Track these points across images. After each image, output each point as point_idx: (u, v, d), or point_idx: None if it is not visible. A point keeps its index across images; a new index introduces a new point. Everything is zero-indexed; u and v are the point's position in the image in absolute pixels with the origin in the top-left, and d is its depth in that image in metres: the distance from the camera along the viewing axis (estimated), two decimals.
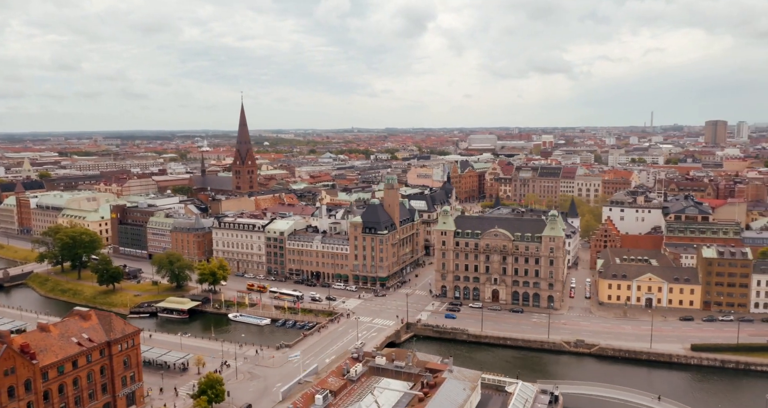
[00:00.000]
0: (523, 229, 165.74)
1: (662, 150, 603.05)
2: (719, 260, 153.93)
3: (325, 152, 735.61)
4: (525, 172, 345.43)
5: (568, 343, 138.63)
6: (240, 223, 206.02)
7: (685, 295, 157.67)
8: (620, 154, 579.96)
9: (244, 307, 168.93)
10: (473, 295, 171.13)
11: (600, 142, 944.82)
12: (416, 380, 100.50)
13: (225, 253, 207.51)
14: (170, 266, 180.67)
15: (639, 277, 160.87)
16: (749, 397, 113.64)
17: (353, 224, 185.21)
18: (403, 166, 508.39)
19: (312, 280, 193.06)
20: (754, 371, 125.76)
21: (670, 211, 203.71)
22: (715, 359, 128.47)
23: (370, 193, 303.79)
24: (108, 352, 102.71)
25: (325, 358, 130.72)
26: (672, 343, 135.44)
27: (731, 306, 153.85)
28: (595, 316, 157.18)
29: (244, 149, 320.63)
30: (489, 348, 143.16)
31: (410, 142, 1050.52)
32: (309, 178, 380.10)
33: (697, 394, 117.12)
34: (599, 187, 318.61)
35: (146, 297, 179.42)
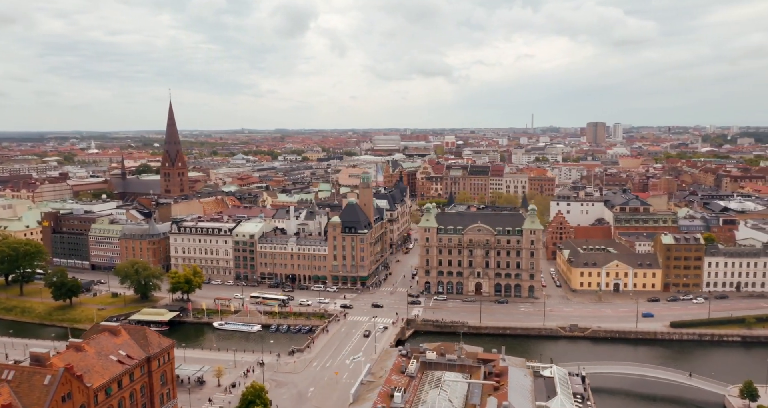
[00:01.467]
0: (504, 224, 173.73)
1: (558, 149, 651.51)
2: (676, 246, 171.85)
3: (229, 154, 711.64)
4: (455, 170, 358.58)
5: (563, 328, 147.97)
6: (203, 228, 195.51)
7: (648, 278, 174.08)
8: (522, 153, 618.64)
9: (227, 315, 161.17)
10: (456, 289, 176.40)
11: (493, 142, 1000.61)
12: (471, 371, 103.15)
13: (185, 260, 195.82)
14: (137, 276, 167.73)
15: (607, 264, 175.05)
16: (738, 363, 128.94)
17: (332, 224, 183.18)
18: (323, 167, 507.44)
19: (287, 283, 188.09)
20: (726, 342, 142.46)
21: (612, 203, 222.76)
22: (693, 333, 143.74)
23: (312, 194, 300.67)
24: (147, 368, 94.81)
25: (344, 360, 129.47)
26: (652, 322, 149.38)
27: (687, 286, 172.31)
28: (573, 302, 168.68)
29: (174, 150, 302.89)
30: (490, 338, 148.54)
31: (310, 143, 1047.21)
32: (237, 181, 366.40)
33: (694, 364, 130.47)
34: (526, 184, 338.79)
35: (112, 311, 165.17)
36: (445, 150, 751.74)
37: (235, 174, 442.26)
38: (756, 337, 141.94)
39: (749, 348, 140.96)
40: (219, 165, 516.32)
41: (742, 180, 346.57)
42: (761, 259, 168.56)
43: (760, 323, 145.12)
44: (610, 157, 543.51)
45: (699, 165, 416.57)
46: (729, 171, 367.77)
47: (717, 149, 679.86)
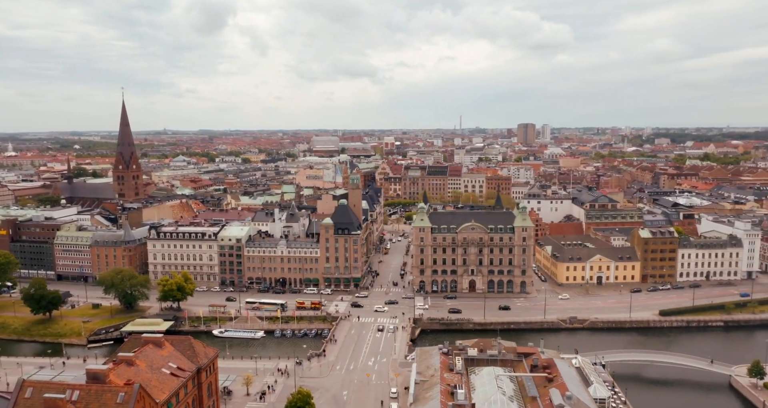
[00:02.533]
0: (496, 222, 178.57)
1: (497, 150, 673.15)
2: (653, 239, 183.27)
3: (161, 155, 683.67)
4: (414, 171, 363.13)
5: (564, 320, 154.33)
6: (185, 233, 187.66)
7: (628, 271, 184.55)
8: (464, 154, 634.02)
9: (224, 322, 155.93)
10: (451, 288, 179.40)
11: (428, 143, 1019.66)
12: (512, 365, 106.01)
13: (166, 266, 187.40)
14: (124, 285, 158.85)
15: (591, 258, 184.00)
16: (727, 345, 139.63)
17: (324, 226, 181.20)
18: (271, 168, 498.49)
19: (277, 287, 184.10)
20: (710, 327, 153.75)
21: (582, 201, 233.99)
22: (681, 320, 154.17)
23: (277, 195, 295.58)
24: (197, 380, 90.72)
25: (368, 361, 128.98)
26: (642, 311, 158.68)
27: (663, 277, 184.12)
28: (562, 295, 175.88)
29: (128, 152, 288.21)
30: (493, 333, 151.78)
31: (242, 144, 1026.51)
32: (190, 184, 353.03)
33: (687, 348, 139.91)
34: (484, 184, 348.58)
35: (99, 323, 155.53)
36: (385, 151, 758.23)
37: (180, 176, 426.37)
38: (736, 321, 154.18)
39: (730, 331, 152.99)
40: (159, 167, 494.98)
41: (677, 177, 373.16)
42: (727, 250, 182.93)
43: (738, 308, 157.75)
44: (549, 157, 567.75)
45: (635, 164, 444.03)
46: (665, 169, 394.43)
47: (640, 149, 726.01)
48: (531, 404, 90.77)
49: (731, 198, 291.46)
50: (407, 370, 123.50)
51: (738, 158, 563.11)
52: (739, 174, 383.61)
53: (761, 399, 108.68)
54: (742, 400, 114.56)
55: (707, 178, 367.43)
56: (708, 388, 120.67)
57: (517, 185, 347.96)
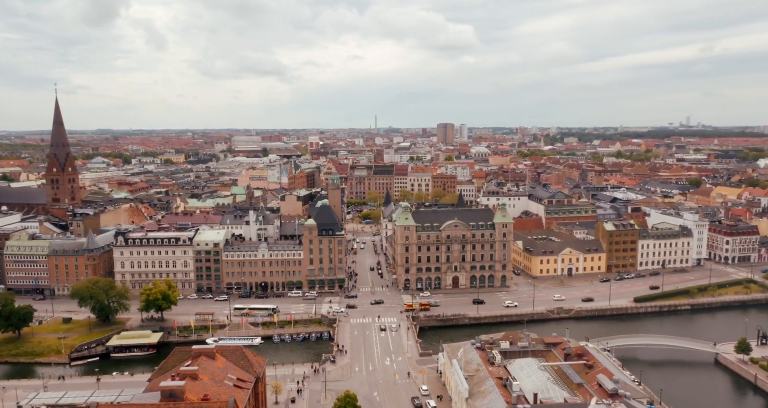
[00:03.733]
0: (476, 219, 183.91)
1: (425, 149, 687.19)
2: (617, 232, 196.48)
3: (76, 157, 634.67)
4: (360, 170, 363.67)
5: (551, 311, 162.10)
6: (156, 238, 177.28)
7: (595, 262, 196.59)
8: (394, 153, 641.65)
9: (215, 330, 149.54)
10: (435, 285, 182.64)
11: (350, 142, 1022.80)
12: (543, 355, 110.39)
13: (134, 275, 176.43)
14: (104, 296, 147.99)
15: (562, 251, 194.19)
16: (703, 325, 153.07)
17: (308, 227, 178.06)
18: (202, 169, 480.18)
19: (258, 291, 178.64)
20: (679, 310, 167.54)
21: (540, 197, 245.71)
22: (654, 306, 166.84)
23: (228, 198, 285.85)
24: (255, 390, 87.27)
25: (384, 361, 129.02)
26: (620, 299, 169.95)
27: (625, 267, 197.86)
28: (540, 288, 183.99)
29: (63, 153, 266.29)
30: (489, 327, 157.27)
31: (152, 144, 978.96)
32: (125, 187, 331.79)
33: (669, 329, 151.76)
34: (430, 182, 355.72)
35: (78, 338, 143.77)
36: (311, 151, 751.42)
37: (104, 179, 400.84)
38: (701, 304, 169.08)
39: (696, 314, 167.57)
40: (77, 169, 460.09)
41: (603, 174, 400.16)
42: (680, 240, 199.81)
43: (700, 292, 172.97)
44: (478, 156, 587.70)
45: (562, 162, 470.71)
46: (592, 166, 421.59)
47: (555, 147, 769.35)
48: (578, 390, 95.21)
49: (658, 192, 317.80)
50: (427, 368, 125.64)
51: (644, 155, 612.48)
52: (656, 170, 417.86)
53: (752, 372, 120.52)
54: (730, 374, 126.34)
55: (630, 175, 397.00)
56: (697, 366, 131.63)
57: (461, 183, 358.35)
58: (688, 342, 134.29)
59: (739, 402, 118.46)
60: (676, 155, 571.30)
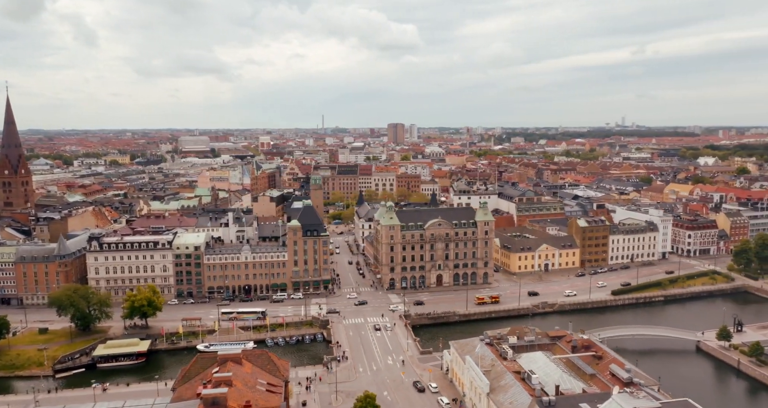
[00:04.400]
0: (459, 218, 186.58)
1: (380, 149, 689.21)
2: (590, 228, 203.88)
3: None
4: (323, 170, 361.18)
5: (536, 306, 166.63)
6: (133, 243, 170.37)
7: (570, 257, 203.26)
8: (349, 153, 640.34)
9: (204, 336, 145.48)
10: (419, 283, 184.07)
11: (300, 142, 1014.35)
12: (550, 349, 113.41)
13: (110, 281, 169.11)
14: (84, 304, 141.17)
15: (539, 248, 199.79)
16: (681, 314, 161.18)
17: (292, 228, 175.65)
18: (153, 170, 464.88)
19: (242, 295, 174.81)
20: (653, 302, 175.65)
21: (511, 195, 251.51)
22: (631, 298, 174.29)
23: (193, 200, 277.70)
24: (285, 394, 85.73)
25: (386, 360, 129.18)
26: (599, 293, 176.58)
27: (597, 261, 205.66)
28: (519, 284, 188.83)
29: (15, 155, 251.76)
30: (479, 323, 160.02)
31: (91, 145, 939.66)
32: (79, 190, 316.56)
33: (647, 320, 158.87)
34: (394, 182, 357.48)
35: (59, 349, 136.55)
36: (262, 151, 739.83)
37: (50, 181, 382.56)
38: (672, 295, 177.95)
39: (668, 304, 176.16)
40: None
41: (559, 172, 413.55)
42: (647, 234, 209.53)
43: (671, 284, 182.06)
44: (435, 156, 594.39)
45: (517, 161, 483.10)
46: (547, 165, 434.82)
47: (505, 147, 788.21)
48: (591, 381, 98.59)
49: (613, 189, 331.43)
50: (430, 365, 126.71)
51: (590, 155, 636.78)
52: (607, 168, 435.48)
53: (735, 357, 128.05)
54: (713, 360, 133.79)
55: (584, 173, 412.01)
56: (681, 353, 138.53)
57: (425, 183, 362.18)
58: (671, 331, 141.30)
59: (725, 386, 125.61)
60: (622, 154, 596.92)
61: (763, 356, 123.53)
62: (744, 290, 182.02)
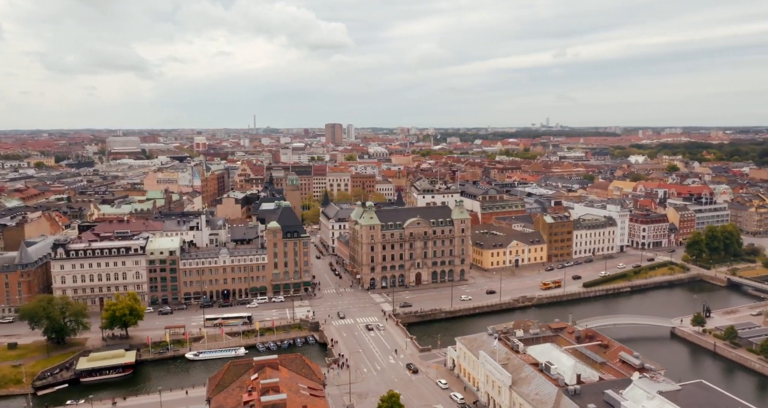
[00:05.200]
0: (436, 216, 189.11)
1: (324, 149, 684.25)
2: (556, 223, 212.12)
3: None
4: (277, 171, 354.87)
5: (516, 300, 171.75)
6: (103, 249, 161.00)
7: (538, 252, 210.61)
8: (291, 153, 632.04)
9: (190, 344, 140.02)
10: (399, 282, 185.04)
11: (235, 142, 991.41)
12: (554, 340, 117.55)
13: (77, 290, 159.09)
14: (60, 315, 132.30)
15: (510, 244, 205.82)
16: (647, 303, 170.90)
17: (272, 230, 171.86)
18: (89, 173, 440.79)
19: (220, 300, 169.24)
20: (622, 292, 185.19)
21: (470, 194, 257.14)
22: (602, 289, 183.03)
23: (146, 203, 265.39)
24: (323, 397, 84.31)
25: (388, 360, 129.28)
26: (572, 286, 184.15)
27: (563, 255, 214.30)
28: (495, 279, 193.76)
29: None
30: (464, 318, 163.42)
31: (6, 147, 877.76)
32: (15, 194, 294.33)
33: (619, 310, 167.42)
34: (349, 182, 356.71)
35: (36, 364, 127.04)
36: (198, 152, 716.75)
37: None
38: (637, 285, 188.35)
39: (634, 294, 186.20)
40: None
41: (505, 171, 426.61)
42: (607, 229, 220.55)
43: (636, 275, 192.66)
44: (377, 156, 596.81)
45: (463, 160, 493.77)
46: (493, 164, 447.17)
47: (445, 147, 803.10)
48: (602, 369, 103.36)
49: (560, 187, 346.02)
50: (434, 362, 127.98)
51: (528, 154, 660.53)
52: (549, 167, 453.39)
53: (711, 341, 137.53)
54: (689, 345, 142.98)
55: (528, 171, 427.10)
56: (658, 339, 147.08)
57: (379, 183, 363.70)
58: (647, 319, 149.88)
59: (703, 367, 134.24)
60: (558, 153, 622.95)
61: (737, 339, 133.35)
62: (699, 279, 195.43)
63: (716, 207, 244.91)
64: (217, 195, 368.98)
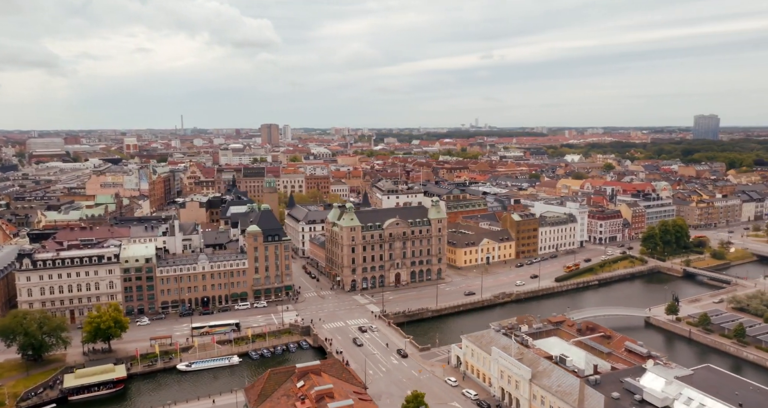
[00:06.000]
0: (413, 216, 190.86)
1: (264, 150, 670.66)
2: (523, 221, 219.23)
3: None
4: (228, 173, 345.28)
5: (497, 296, 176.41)
6: (74, 258, 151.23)
7: (507, 249, 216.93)
8: (232, 155, 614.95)
9: (178, 354, 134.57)
10: (379, 283, 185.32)
11: (165, 144, 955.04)
12: (556, 334, 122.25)
13: (45, 303, 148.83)
14: (38, 330, 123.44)
15: (481, 242, 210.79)
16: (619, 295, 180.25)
17: (252, 234, 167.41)
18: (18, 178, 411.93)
19: (199, 308, 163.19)
20: (591, 286, 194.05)
21: (438, 194, 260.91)
22: (572, 283, 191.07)
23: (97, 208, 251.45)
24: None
25: (391, 360, 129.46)
26: (545, 281, 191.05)
27: (529, 252, 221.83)
28: (469, 277, 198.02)
29: None
30: (450, 316, 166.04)
31: None
32: None
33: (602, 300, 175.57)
34: (303, 184, 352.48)
35: (16, 384, 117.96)
36: (130, 153, 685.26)
37: None
38: (603, 278, 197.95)
39: (602, 286, 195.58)
40: None
41: (453, 171, 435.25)
42: (569, 225, 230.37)
43: (601, 268, 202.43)
44: (322, 157, 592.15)
45: (410, 160, 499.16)
46: (442, 164, 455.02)
47: (386, 147, 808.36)
48: (610, 358, 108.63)
49: (509, 185, 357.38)
50: (436, 361, 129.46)
51: (467, 154, 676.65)
52: (494, 166, 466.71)
53: (686, 328, 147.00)
54: (665, 332, 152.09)
55: (475, 171, 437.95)
56: (634, 328, 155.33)
57: (334, 184, 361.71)
58: (622, 309, 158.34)
59: (681, 352, 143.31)
60: (499, 153, 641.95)
61: (710, 325, 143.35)
62: (657, 270, 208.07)
63: (663, 203, 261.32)
64: (164, 199, 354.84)
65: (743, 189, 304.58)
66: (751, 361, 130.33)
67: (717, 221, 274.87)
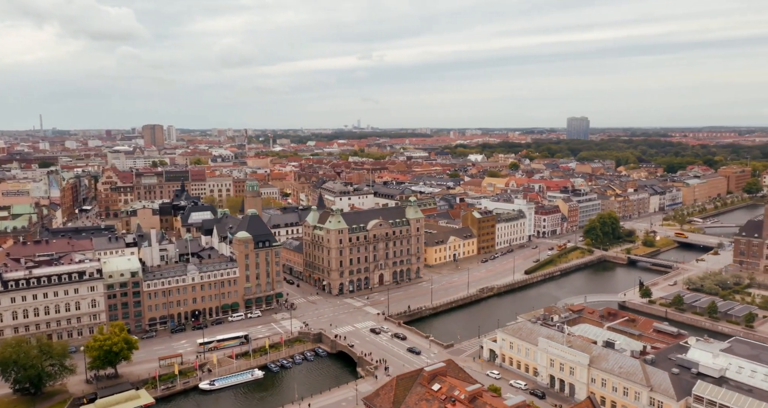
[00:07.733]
0: (393, 217, 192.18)
1: (156, 155, 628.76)
2: (483, 219, 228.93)
3: None
4: (149, 178, 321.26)
5: (481, 291, 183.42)
6: (50, 276, 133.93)
7: (470, 246, 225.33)
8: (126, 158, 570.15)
9: (192, 373, 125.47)
10: (364, 284, 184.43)
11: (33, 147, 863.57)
12: (582, 321, 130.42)
13: (19, 328, 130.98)
14: (39, 360, 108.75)
15: (449, 240, 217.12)
16: (580, 283, 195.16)
17: (242, 241, 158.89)
18: None
19: (189, 322, 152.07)
20: (555, 276, 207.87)
21: (382, 194, 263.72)
22: (541, 275, 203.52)
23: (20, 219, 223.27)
24: None
25: (419, 360, 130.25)
26: (517, 274, 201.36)
27: (489, 248, 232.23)
28: (444, 274, 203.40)
29: None
30: (446, 312, 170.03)
31: None
32: None
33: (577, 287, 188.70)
34: (231, 187, 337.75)
35: None
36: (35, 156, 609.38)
37: None
38: (564, 269, 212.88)
39: (563, 276, 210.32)
40: None
41: (373, 171, 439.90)
42: (519, 221, 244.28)
43: (559, 259, 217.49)
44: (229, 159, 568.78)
45: (325, 161, 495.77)
46: (361, 166, 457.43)
47: (286, 149, 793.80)
48: (643, 339, 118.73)
49: (435, 185, 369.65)
50: (465, 356, 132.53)
51: (374, 154, 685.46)
52: (410, 167, 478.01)
53: (662, 309, 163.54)
54: (642, 314, 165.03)
55: (394, 171, 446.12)
56: None
57: (263, 187, 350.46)
58: (598, 296, 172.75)
59: None
60: (405, 153, 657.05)
61: (683, 305, 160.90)
62: (604, 259, 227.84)
63: (590, 198, 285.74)
64: (73, 207, 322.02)
65: (644, 184, 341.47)
66: (726, 333, 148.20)
67: (632, 213, 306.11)
